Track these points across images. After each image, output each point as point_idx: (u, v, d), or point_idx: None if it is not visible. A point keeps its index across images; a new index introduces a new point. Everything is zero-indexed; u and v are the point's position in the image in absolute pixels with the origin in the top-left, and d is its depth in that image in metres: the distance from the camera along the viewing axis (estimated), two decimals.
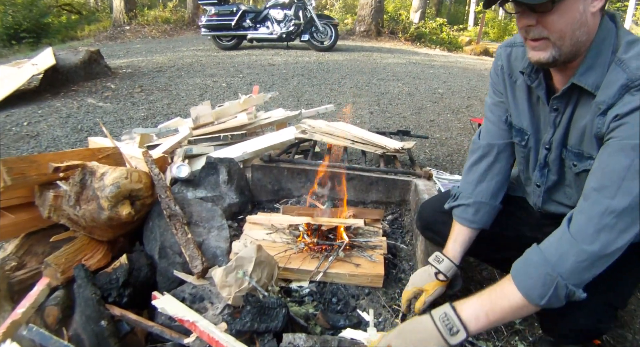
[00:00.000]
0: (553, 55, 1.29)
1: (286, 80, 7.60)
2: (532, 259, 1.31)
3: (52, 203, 2.00)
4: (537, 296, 1.25)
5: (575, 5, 1.22)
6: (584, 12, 1.23)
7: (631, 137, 1.18)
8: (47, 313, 1.76)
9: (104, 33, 14.50)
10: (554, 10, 1.21)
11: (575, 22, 1.24)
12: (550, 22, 1.24)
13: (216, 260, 2.16)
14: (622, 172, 1.18)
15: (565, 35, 1.25)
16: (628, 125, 1.19)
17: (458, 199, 1.81)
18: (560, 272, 1.23)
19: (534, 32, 1.28)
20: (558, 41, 1.27)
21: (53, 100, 6.01)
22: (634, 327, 2.04)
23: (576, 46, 1.29)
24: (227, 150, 3.17)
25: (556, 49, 1.28)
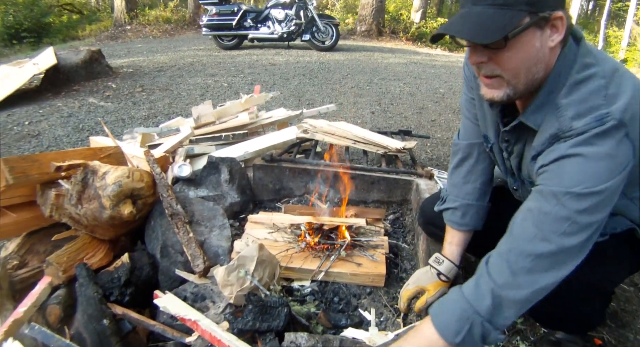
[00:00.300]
0: (507, 93, 1.23)
1: (287, 80, 7.59)
2: (451, 297, 1.29)
3: (53, 202, 2.00)
4: (452, 333, 1.21)
5: (532, 41, 1.14)
6: (541, 48, 1.16)
7: (552, 184, 1.16)
8: (49, 312, 1.77)
9: (105, 33, 14.51)
10: (508, 47, 1.13)
11: (531, 58, 1.17)
12: (504, 59, 1.17)
13: (218, 259, 2.16)
14: (541, 217, 1.17)
15: (520, 73, 1.19)
16: (549, 173, 1.18)
17: (445, 202, 1.81)
18: (477, 310, 1.21)
19: (486, 69, 1.22)
20: (512, 79, 1.20)
21: (54, 100, 6.02)
22: (635, 327, 2.04)
23: (532, 83, 1.22)
24: (229, 150, 3.17)
25: (510, 88, 1.22)
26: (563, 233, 1.13)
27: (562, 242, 1.14)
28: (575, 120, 1.14)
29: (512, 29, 1.09)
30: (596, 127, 1.10)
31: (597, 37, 15.65)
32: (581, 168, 1.12)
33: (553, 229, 1.14)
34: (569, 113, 1.16)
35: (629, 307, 2.16)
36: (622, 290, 2.27)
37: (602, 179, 1.10)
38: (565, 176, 1.14)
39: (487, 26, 1.10)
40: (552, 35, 1.15)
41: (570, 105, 1.16)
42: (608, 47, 15.34)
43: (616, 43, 15.27)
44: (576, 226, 1.13)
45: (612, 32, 16.21)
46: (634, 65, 13.16)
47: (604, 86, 1.14)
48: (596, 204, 1.11)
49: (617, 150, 1.10)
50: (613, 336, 1.96)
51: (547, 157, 1.19)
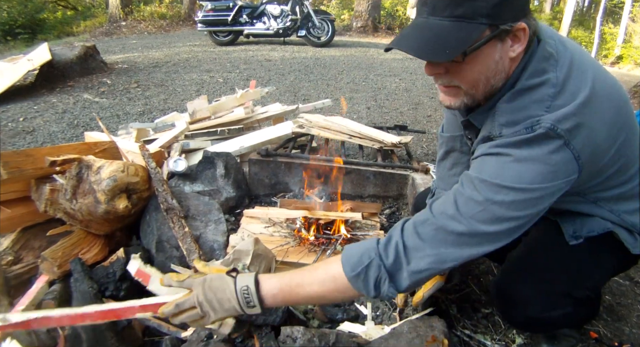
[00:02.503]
0: (464, 102, 1.21)
1: (283, 76, 7.58)
2: (366, 241, 1.29)
3: (48, 197, 1.99)
4: (351, 264, 1.21)
5: (491, 54, 1.11)
6: (501, 59, 1.12)
7: (473, 172, 1.17)
8: (44, 307, 1.76)
9: (100, 29, 14.43)
10: (466, 61, 1.09)
11: (490, 70, 1.13)
12: (461, 72, 1.13)
13: (213, 254, 2.15)
14: (458, 198, 1.16)
15: (479, 85, 1.16)
16: (473, 165, 1.20)
17: (435, 195, 1.80)
18: (380, 254, 1.20)
19: (443, 80, 1.19)
20: (470, 90, 1.17)
21: (49, 96, 5.99)
22: (631, 321, 2.05)
23: (491, 91, 1.19)
24: (224, 145, 3.16)
25: (468, 97, 1.19)
26: (474, 217, 1.12)
27: (473, 226, 1.12)
28: (505, 127, 1.14)
29: (471, 44, 1.06)
30: (524, 135, 1.09)
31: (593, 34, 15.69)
32: (501, 164, 1.12)
33: (466, 211, 1.13)
34: (501, 119, 1.15)
35: (625, 301, 2.17)
36: (618, 284, 2.28)
37: (522, 179, 1.09)
38: (485, 167, 1.15)
39: (443, 43, 1.06)
40: (513, 45, 1.12)
41: (507, 111, 1.15)
42: (603, 44, 15.38)
43: (612, 40, 15.32)
44: (489, 214, 1.12)
45: (607, 29, 16.25)
46: (629, 62, 13.20)
47: (552, 96, 1.11)
48: (513, 200, 1.10)
49: (548, 158, 1.08)
50: (609, 330, 1.97)
51: (475, 154, 1.21)
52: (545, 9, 23.20)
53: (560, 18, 17.75)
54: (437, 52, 1.06)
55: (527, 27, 1.09)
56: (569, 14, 16.34)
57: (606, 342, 1.83)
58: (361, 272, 1.19)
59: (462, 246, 1.15)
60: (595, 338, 1.85)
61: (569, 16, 16.29)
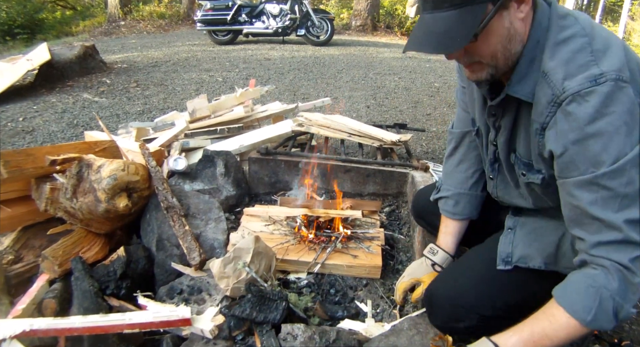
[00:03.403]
0: (490, 73, 1.22)
1: (282, 75, 7.58)
2: (573, 278, 1.20)
3: (48, 196, 2.00)
4: (581, 310, 1.12)
5: (500, 24, 1.13)
6: (512, 24, 1.14)
7: (583, 172, 1.10)
8: (45, 306, 1.76)
9: (99, 28, 14.40)
10: (479, 40, 1.12)
11: (505, 38, 1.15)
12: (479, 49, 1.16)
13: (214, 252, 2.16)
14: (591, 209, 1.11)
15: (498, 55, 1.17)
16: (574, 160, 1.12)
17: (440, 191, 1.81)
18: (603, 284, 1.12)
19: (465, 60, 1.22)
20: (491, 62, 1.19)
21: (48, 96, 5.98)
22: (630, 318, 2.05)
23: (512, 57, 1.20)
24: (224, 143, 3.16)
25: (491, 68, 1.21)
26: (619, 210, 1.08)
27: (625, 218, 1.07)
28: (566, 80, 1.10)
29: (478, 25, 1.08)
30: (592, 91, 1.05)
31: None
32: (601, 145, 1.07)
33: (608, 212, 1.08)
34: (558, 75, 1.12)
35: None
36: None
37: (627, 146, 1.06)
38: (588, 158, 1.09)
39: (453, 34, 1.08)
40: (519, 6, 1.14)
41: (557, 67, 1.12)
42: None
43: None
44: (628, 200, 1.07)
45: (606, 27, 16.24)
46: None
47: (588, 43, 1.11)
48: (636, 170, 1.06)
49: (630, 113, 1.05)
50: None
51: (564, 139, 1.12)
52: None
53: None
54: (451, 44, 1.09)
55: None
56: None
57: (605, 339, 1.83)
58: (597, 312, 1.11)
59: None
60: (595, 335, 1.85)
61: None
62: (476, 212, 1.76)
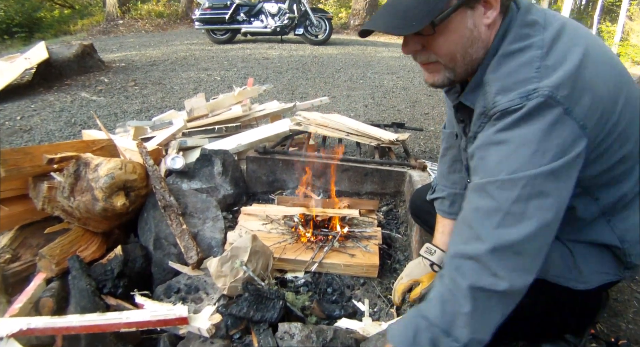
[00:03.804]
0: (447, 77, 1.18)
1: (280, 74, 7.57)
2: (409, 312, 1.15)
3: (46, 195, 2.00)
4: (399, 338, 1.09)
5: (463, 23, 1.08)
6: (475, 27, 1.10)
7: (478, 177, 1.08)
8: (42, 304, 1.76)
9: (97, 27, 14.38)
10: (437, 32, 1.08)
11: (465, 40, 1.11)
12: (436, 45, 1.12)
13: (211, 251, 2.16)
14: (472, 215, 1.08)
15: (456, 56, 1.13)
16: (475, 165, 1.11)
17: (435, 191, 1.80)
18: (424, 314, 1.08)
19: (422, 57, 1.18)
20: (449, 63, 1.15)
21: (46, 94, 5.98)
22: (627, 317, 2.05)
23: (472, 63, 1.16)
24: (222, 142, 3.16)
25: (449, 71, 1.17)
26: (497, 226, 1.01)
27: (498, 237, 1.01)
28: (498, 95, 1.06)
29: (437, 14, 1.04)
30: (520, 107, 1.01)
31: None
32: (504, 154, 1.03)
33: (485, 224, 1.03)
34: (493, 88, 1.08)
35: (621, 297, 2.18)
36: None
37: (531, 163, 0.99)
38: (488, 165, 1.06)
39: (410, 15, 1.05)
40: (486, 11, 1.09)
41: (496, 79, 1.08)
42: None
43: (609, 38, 15.30)
44: (512, 217, 1.00)
45: (605, 27, 16.25)
46: (627, 60, 13.21)
47: (540, 57, 1.04)
48: (532, 190, 1.00)
49: (548, 133, 0.99)
50: (605, 325, 1.97)
51: (474, 145, 1.12)
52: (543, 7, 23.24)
53: None
54: (405, 25, 1.05)
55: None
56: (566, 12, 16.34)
57: (603, 338, 1.83)
58: (413, 342, 1.06)
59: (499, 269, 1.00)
60: (592, 334, 1.85)
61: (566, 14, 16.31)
62: None
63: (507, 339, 1.51)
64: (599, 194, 1.22)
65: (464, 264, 1.05)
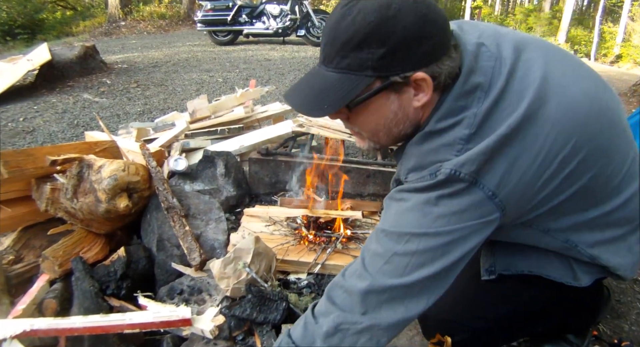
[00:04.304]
0: (372, 146, 1.19)
1: (282, 75, 7.58)
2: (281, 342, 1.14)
3: (49, 196, 2.00)
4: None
5: (385, 106, 1.04)
6: (401, 109, 1.05)
7: (379, 223, 1.11)
8: (46, 306, 1.76)
9: (99, 29, 14.45)
10: (357, 112, 1.06)
11: (388, 121, 1.07)
12: (358, 122, 1.11)
13: (214, 252, 2.16)
14: (363, 254, 1.11)
15: (379, 134, 1.12)
16: (384, 211, 1.14)
17: None
18: (289, 333, 1.11)
19: (347, 126, 1.17)
20: (372, 138, 1.14)
21: (49, 96, 6.00)
22: (630, 318, 2.05)
23: (400, 138, 1.14)
24: (224, 144, 3.16)
25: (373, 142, 1.17)
26: (379, 271, 1.03)
27: (376, 279, 1.03)
28: (411, 172, 1.08)
29: (354, 97, 0.99)
30: (427, 181, 1.02)
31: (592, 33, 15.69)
32: (400, 209, 1.06)
33: (370, 264, 1.06)
34: (409, 163, 1.10)
35: (624, 299, 2.18)
36: (618, 282, 2.28)
37: (422, 225, 1.01)
38: (386, 216, 1.10)
39: (324, 97, 1.01)
40: (417, 94, 1.03)
41: (414, 155, 1.09)
42: (603, 43, 15.39)
43: (611, 39, 15.32)
44: (393, 266, 1.02)
45: (607, 28, 16.27)
46: (629, 61, 13.21)
47: (465, 139, 1.00)
48: (417, 248, 1.01)
49: (450, 201, 1.00)
50: (609, 327, 1.97)
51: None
52: (545, 8, 23.19)
53: (560, 17, 17.75)
54: (317, 107, 1.03)
55: (427, 77, 0.98)
56: (568, 13, 16.35)
57: (606, 340, 1.83)
58: None
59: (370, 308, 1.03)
60: (595, 335, 1.85)
61: (568, 15, 16.31)
62: None
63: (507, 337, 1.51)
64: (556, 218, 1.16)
65: (338, 294, 1.08)
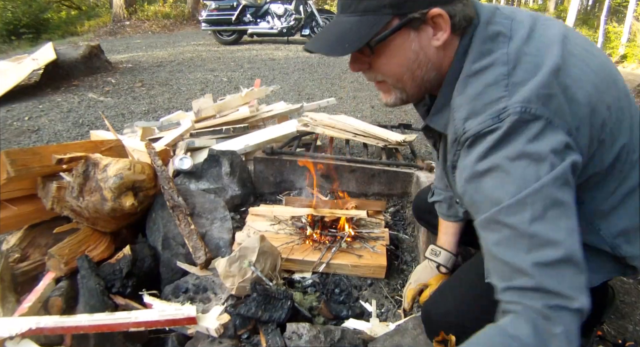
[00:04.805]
0: (399, 97, 1.15)
1: (287, 75, 7.58)
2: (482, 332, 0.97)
3: (55, 195, 2.01)
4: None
5: (405, 44, 1.04)
6: (422, 50, 1.05)
7: (483, 212, 0.98)
8: (51, 304, 1.77)
9: (104, 28, 14.46)
10: (378, 54, 1.06)
11: (411, 62, 1.07)
12: (379, 66, 1.09)
13: (219, 251, 2.16)
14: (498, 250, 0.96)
15: (403, 78, 1.10)
16: (472, 201, 1.02)
17: (434, 194, 1.80)
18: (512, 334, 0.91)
19: (369, 76, 1.16)
20: (397, 84, 1.12)
21: (54, 95, 6.01)
22: (635, 319, 2.05)
23: (424, 85, 1.12)
24: (229, 143, 3.17)
25: (399, 91, 1.14)
26: (529, 252, 0.91)
27: (537, 261, 0.90)
28: (468, 120, 1.00)
29: (373, 36, 1.01)
30: (494, 129, 0.94)
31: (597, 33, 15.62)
32: (497, 180, 0.95)
33: (517, 255, 0.92)
34: (461, 113, 1.02)
35: (628, 299, 2.17)
36: (622, 282, 2.28)
37: (530, 178, 0.91)
38: (486, 197, 0.98)
39: (344, 37, 1.03)
40: (436, 33, 1.03)
41: (463, 104, 1.02)
42: (608, 43, 15.30)
43: (616, 39, 15.23)
44: (537, 239, 0.91)
45: (612, 28, 16.16)
46: (634, 61, 13.15)
47: (506, 74, 0.97)
48: (544, 202, 0.91)
49: (536, 144, 0.92)
50: (613, 327, 1.97)
51: (461, 179, 1.04)
52: (550, 7, 23.08)
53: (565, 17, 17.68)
54: (338, 47, 1.04)
55: (444, 13, 1.00)
56: (573, 13, 16.26)
57: (610, 340, 1.83)
58: None
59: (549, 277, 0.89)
60: (599, 336, 1.85)
61: (573, 15, 16.22)
62: None
63: None
64: (585, 198, 1.12)
65: (522, 293, 0.93)
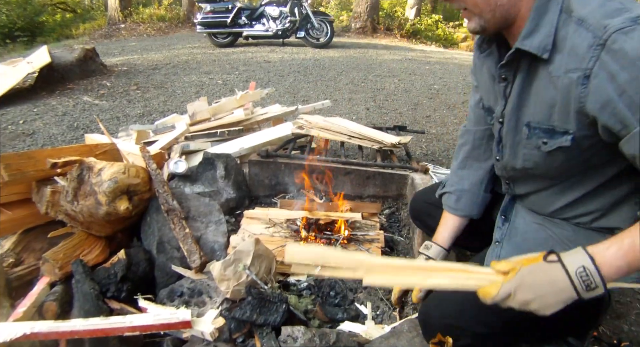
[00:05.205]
0: (480, 24, 1.20)
1: (282, 77, 7.59)
2: None
3: (49, 199, 2.00)
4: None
5: None
6: None
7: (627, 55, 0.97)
8: (46, 308, 1.77)
9: (99, 31, 14.43)
10: None
11: None
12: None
13: (214, 254, 2.16)
14: None
15: (480, 5, 1.16)
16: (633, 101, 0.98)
17: (445, 187, 1.80)
18: None
19: (455, 4, 1.22)
20: (476, 10, 1.17)
21: (49, 99, 5.99)
22: (630, 319, 2.06)
23: (503, 13, 1.16)
24: (224, 146, 3.17)
25: (480, 18, 1.19)
26: None
27: None
28: (606, 19, 1.00)
29: None
30: (635, 27, 0.96)
31: None
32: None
33: None
34: (596, 18, 1.02)
35: (624, 299, 2.18)
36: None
37: None
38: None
39: None
40: None
41: (593, 11, 1.03)
42: None
43: None
44: None
45: None
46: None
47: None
48: None
49: None
50: (608, 327, 1.98)
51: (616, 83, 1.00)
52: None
53: None
54: None
55: None
56: None
57: (605, 340, 1.84)
58: None
59: None
60: (595, 336, 1.86)
61: None
62: (477, 210, 1.73)
63: (508, 341, 1.51)
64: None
65: None
